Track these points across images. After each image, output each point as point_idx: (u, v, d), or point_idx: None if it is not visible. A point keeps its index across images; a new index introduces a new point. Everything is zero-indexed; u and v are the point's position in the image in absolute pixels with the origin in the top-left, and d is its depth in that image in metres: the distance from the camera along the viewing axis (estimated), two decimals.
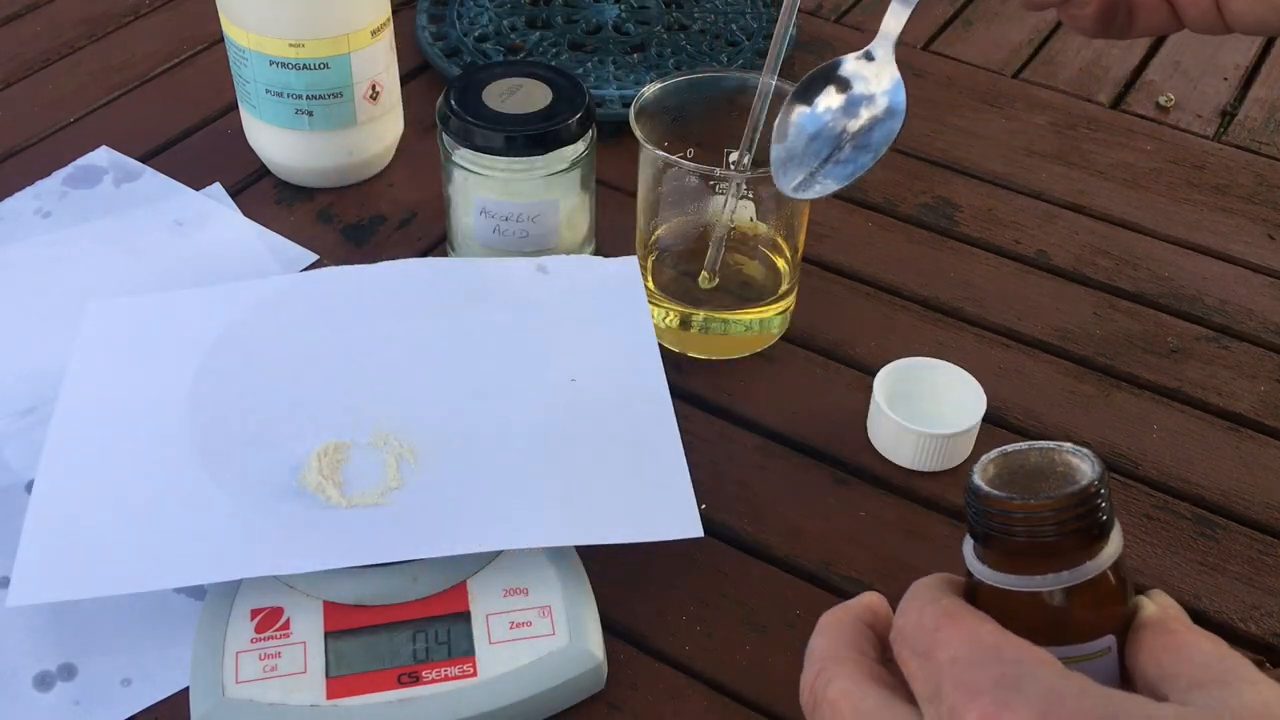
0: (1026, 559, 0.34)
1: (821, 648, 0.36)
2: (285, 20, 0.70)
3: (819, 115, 0.48)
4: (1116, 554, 0.34)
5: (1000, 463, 0.35)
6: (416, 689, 0.49)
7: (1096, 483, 0.33)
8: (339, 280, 0.64)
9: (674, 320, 0.67)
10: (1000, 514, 0.34)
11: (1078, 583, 0.34)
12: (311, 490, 0.53)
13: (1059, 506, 0.33)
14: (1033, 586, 0.34)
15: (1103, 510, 0.34)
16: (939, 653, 0.32)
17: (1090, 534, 0.34)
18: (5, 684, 0.51)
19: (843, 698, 0.34)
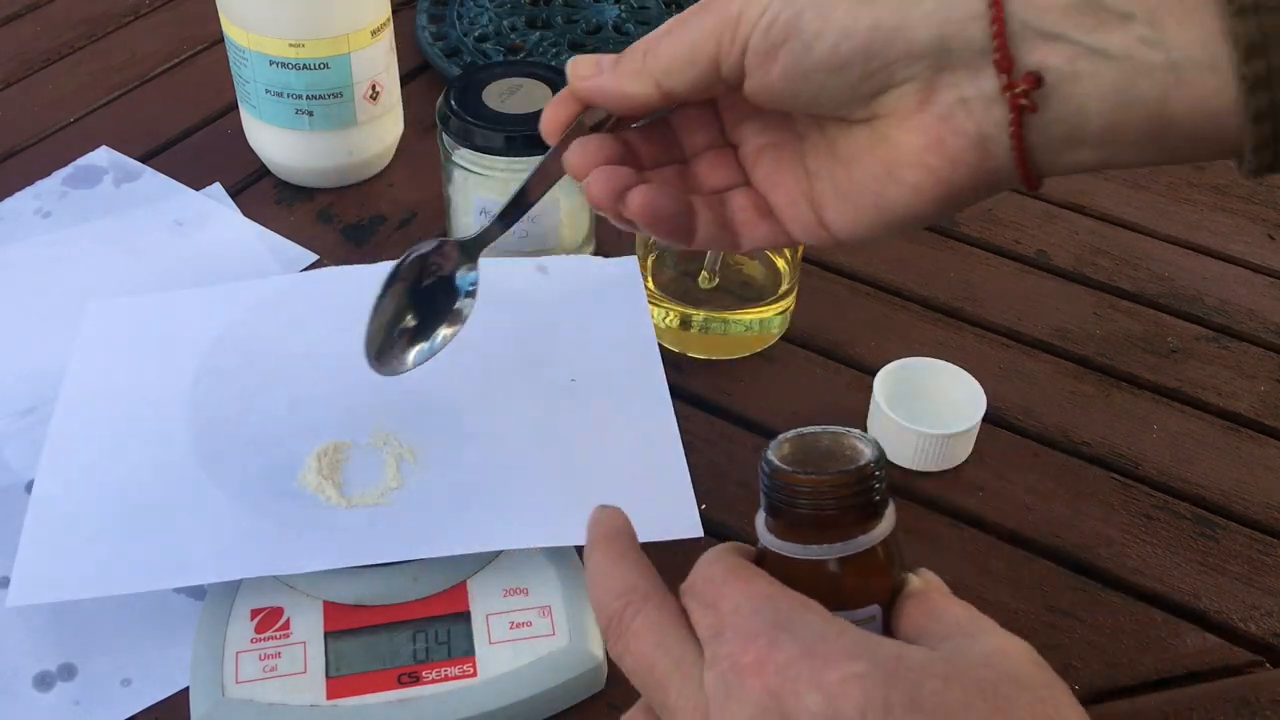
0: (807, 530, 0.38)
1: (624, 582, 0.39)
2: (285, 20, 0.70)
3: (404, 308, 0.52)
4: (887, 532, 0.38)
5: (795, 443, 0.39)
6: (416, 689, 0.49)
7: (872, 465, 0.37)
8: (339, 280, 0.64)
9: (674, 320, 0.67)
10: (787, 486, 0.38)
11: (849, 554, 0.37)
12: (311, 490, 0.53)
13: (837, 483, 0.37)
14: (810, 555, 0.38)
15: (876, 491, 0.38)
16: (723, 604, 0.36)
17: (863, 511, 0.38)
18: (5, 684, 0.51)
19: (647, 629, 0.37)
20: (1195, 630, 0.56)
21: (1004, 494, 0.62)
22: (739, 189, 0.47)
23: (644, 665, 0.37)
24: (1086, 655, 0.55)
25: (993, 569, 0.58)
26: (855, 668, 0.33)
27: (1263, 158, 0.36)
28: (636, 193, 0.44)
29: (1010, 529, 0.60)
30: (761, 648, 0.34)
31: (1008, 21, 0.37)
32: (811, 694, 0.33)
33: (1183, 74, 0.36)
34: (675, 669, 0.36)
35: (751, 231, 0.46)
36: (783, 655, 0.34)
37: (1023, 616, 0.56)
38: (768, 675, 0.34)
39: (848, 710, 0.32)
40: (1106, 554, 0.59)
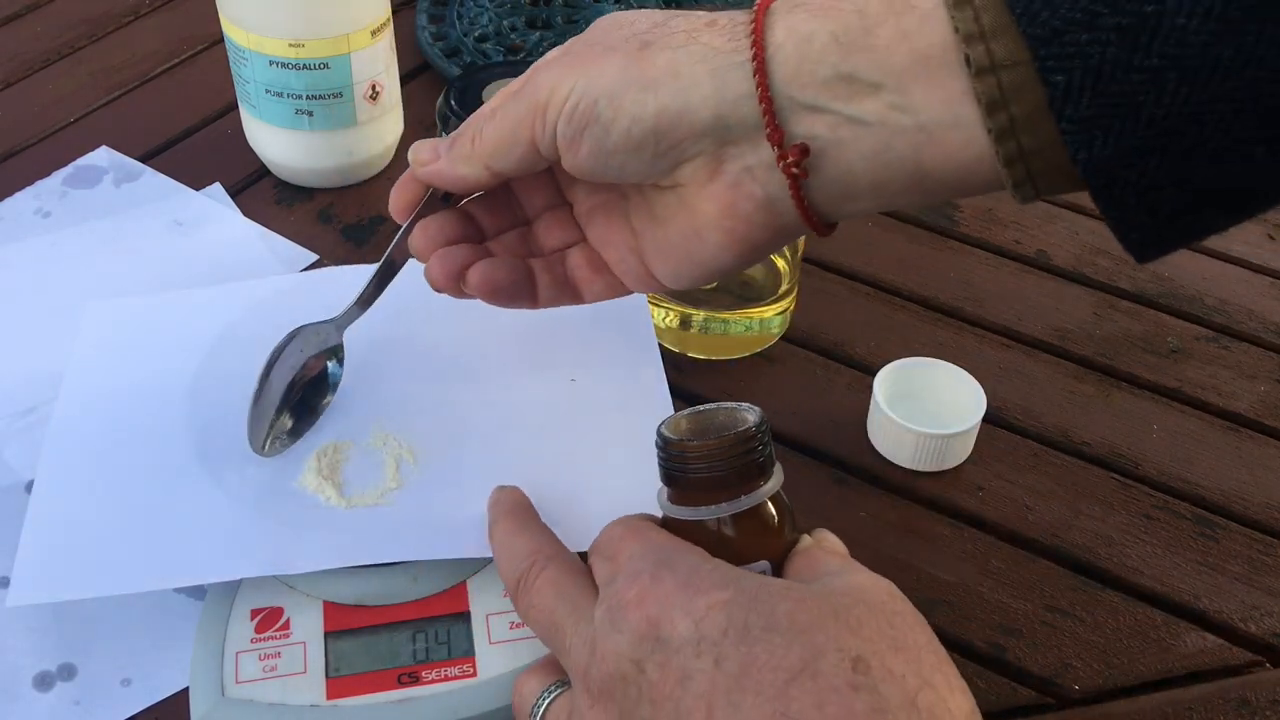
0: (697, 493, 0.42)
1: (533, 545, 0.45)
2: (285, 20, 0.70)
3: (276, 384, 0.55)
4: (771, 492, 0.42)
5: (690, 419, 0.44)
6: (416, 689, 0.49)
7: (754, 429, 0.42)
8: (338, 280, 0.64)
9: (674, 320, 0.67)
10: (678, 454, 0.42)
11: (736, 513, 0.42)
12: (311, 491, 0.53)
13: (720, 446, 0.41)
14: (699, 515, 0.42)
15: (759, 453, 0.42)
16: (619, 554, 0.41)
17: (748, 473, 0.42)
18: (5, 684, 0.51)
19: (548, 583, 0.43)
20: (1195, 630, 0.56)
21: (1004, 494, 0.62)
22: (575, 247, 0.51)
23: (545, 615, 0.42)
24: (1086, 655, 0.55)
25: (993, 569, 0.58)
26: (721, 595, 0.37)
27: (1025, 192, 0.40)
28: (474, 270, 0.49)
29: (1010, 529, 0.60)
30: (644, 584, 0.38)
31: (774, 99, 0.42)
32: (683, 620, 0.37)
33: (932, 133, 0.40)
34: (572, 613, 0.41)
35: (590, 286, 0.51)
36: (662, 589, 0.38)
37: (1023, 616, 0.56)
38: (647, 606, 0.38)
39: (712, 633, 0.36)
40: (1106, 554, 0.59)
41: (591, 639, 0.39)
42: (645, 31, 0.44)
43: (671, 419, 0.44)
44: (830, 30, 0.41)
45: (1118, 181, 0.38)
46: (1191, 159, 0.37)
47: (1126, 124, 0.36)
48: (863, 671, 0.35)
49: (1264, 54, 0.34)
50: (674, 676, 0.36)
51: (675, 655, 0.37)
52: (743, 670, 0.35)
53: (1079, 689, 0.54)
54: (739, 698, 0.35)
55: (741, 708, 0.35)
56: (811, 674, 0.35)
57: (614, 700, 0.38)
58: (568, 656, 0.41)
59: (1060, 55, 0.36)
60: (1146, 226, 0.39)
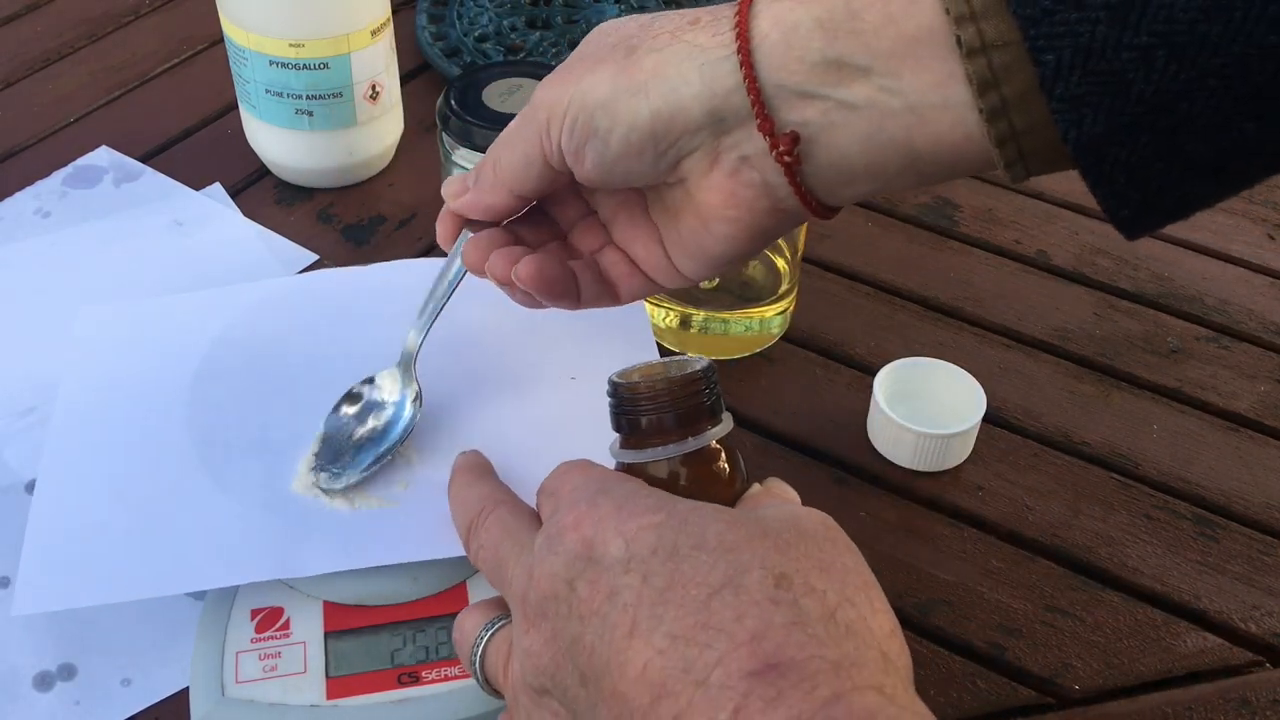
0: (648, 437, 0.43)
1: (484, 491, 0.47)
2: (285, 20, 0.70)
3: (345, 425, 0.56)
4: (721, 434, 0.43)
5: (642, 370, 0.44)
6: (416, 689, 0.49)
7: (700, 372, 0.43)
8: (336, 282, 0.64)
9: (674, 320, 0.67)
10: (628, 398, 0.43)
11: (684, 453, 0.42)
12: (302, 494, 0.53)
13: (668, 386, 0.42)
14: (650, 457, 0.42)
15: (705, 396, 0.43)
16: (562, 488, 0.42)
17: (696, 415, 0.42)
18: (5, 684, 0.51)
19: (496, 522, 0.44)
20: (1195, 630, 0.56)
21: (1004, 494, 0.62)
22: (608, 248, 0.52)
23: (491, 554, 0.44)
24: (1086, 655, 0.55)
25: (993, 569, 0.58)
26: (654, 518, 0.38)
27: (1016, 172, 0.40)
28: (524, 263, 0.50)
29: (1010, 529, 0.60)
30: (581, 509, 0.39)
31: (762, 88, 0.42)
32: (615, 540, 0.38)
33: (923, 115, 0.40)
34: (515, 547, 0.42)
35: (626, 284, 0.52)
36: (598, 513, 0.39)
37: (1023, 616, 0.56)
38: (584, 529, 0.39)
39: (641, 551, 0.37)
40: (1106, 554, 0.59)
41: (529, 565, 0.40)
42: (631, 36, 0.45)
43: (623, 370, 0.44)
44: (815, 16, 0.41)
45: (1108, 159, 0.38)
46: (1181, 136, 0.37)
47: (1116, 101, 0.37)
48: (785, 587, 0.36)
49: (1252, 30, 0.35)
50: (602, 592, 0.37)
51: (605, 573, 0.38)
52: (668, 585, 0.36)
53: (1079, 689, 0.54)
54: (662, 610, 0.36)
55: (664, 620, 0.36)
56: (734, 588, 0.36)
57: (547, 619, 0.39)
58: (509, 588, 0.42)
59: (1050, 35, 0.37)
60: (1136, 203, 0.39)
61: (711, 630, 0.35)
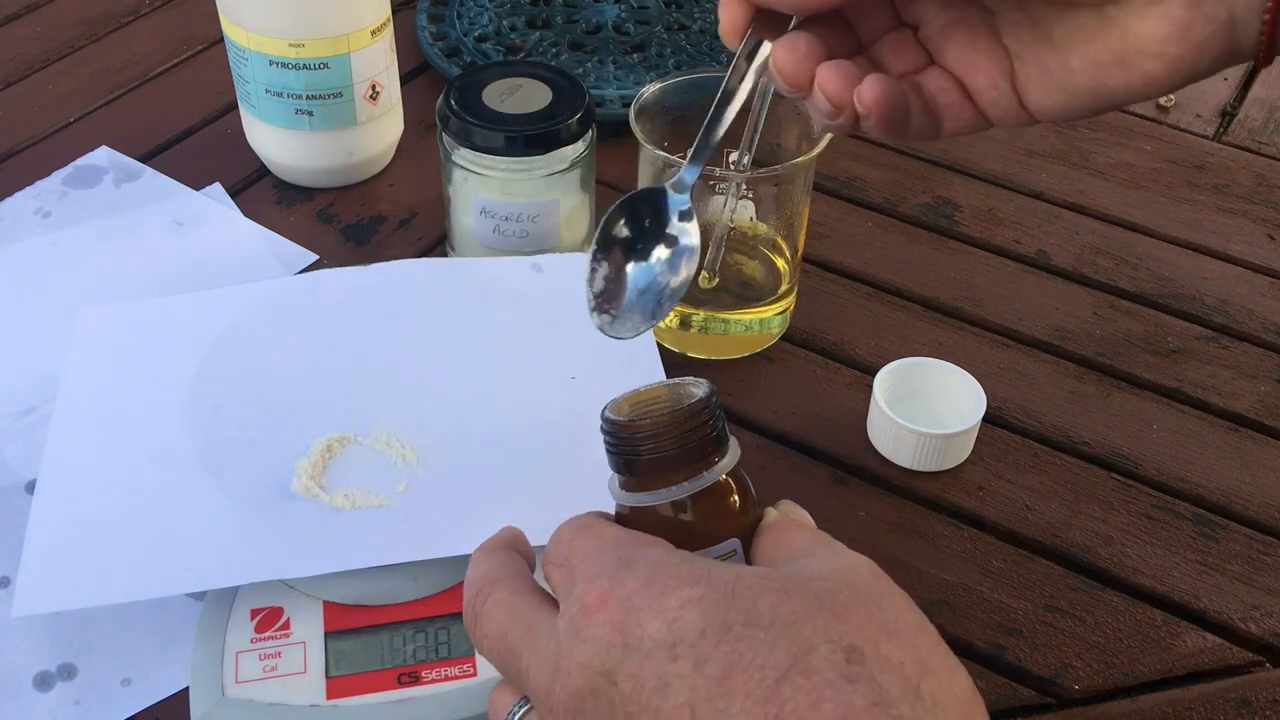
0: (652, 476, 0.39)
1: (480, 573, 0.40)
2: (285, 20, 0.70)
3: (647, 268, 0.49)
4: (729, 466, 0.39)
5: (633, 399, 0.40)
6: (416, 689, 0.49)
7: (703, 401, 0.38)
8: (335, 282, 0.64)
9: (674, 320, 0.67)
10: (626, 437, 0.39)
11: (695, 491, 0.38)
12: (302, 495, 0.53)
13: (670, 422, 0.38)
14: (657, 499, 0.38)
15: (710, 426, 0.39)
16: (573, 557, 0.37)
17: (702, 449, 0.38)
18: (5, 684, 0.51)
19: (497, 606, 0.38)
20: (1195, 630, 0.56)
21: (1004, 494, 0.62)
22: (932, 71, 0.44)
23: (498, 641, 0.38)
24: (1086, 655, 0.55)
25: (993, 569, 0.58)
26: (693, 592, 0.34)
27: None
28: (870, 84, 0.41)
29: (1010, 529, 0.60)
30: (605, 585, 0.35)
31: None
32: (653, 621, 0.34)
33: None
34: (526, 633, 0.37)
35: (956, 115, 0.43)
36: (624, 589, 0.34)
37: (1023, 616, 0.56)
38: (610, 609, 0.34)
39: (688, 633, 0.33)
40: (1106, 554, 0.59)
41: (553, 655, 0.35)
42: None
43: (613, 402, 0.40)
44: None
45: None
46: None
47: None
48: (857, 662, 0.32)
49: None
50: (650, 685, 0.33)
51: (648, 661, 0.33)
52: (727, 672, 0.32)
53: (1079, 689, 0.54)
54: (725, 703, 0.32)
55: (729, 713, 0.32)
56: (803, 670, 0.32)
57: (584, 716, 0.34)
58: (526, 679, 0.37)
59: None
60: None
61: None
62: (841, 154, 0.82)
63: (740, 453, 0.40)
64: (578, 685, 0.34)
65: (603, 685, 0.34)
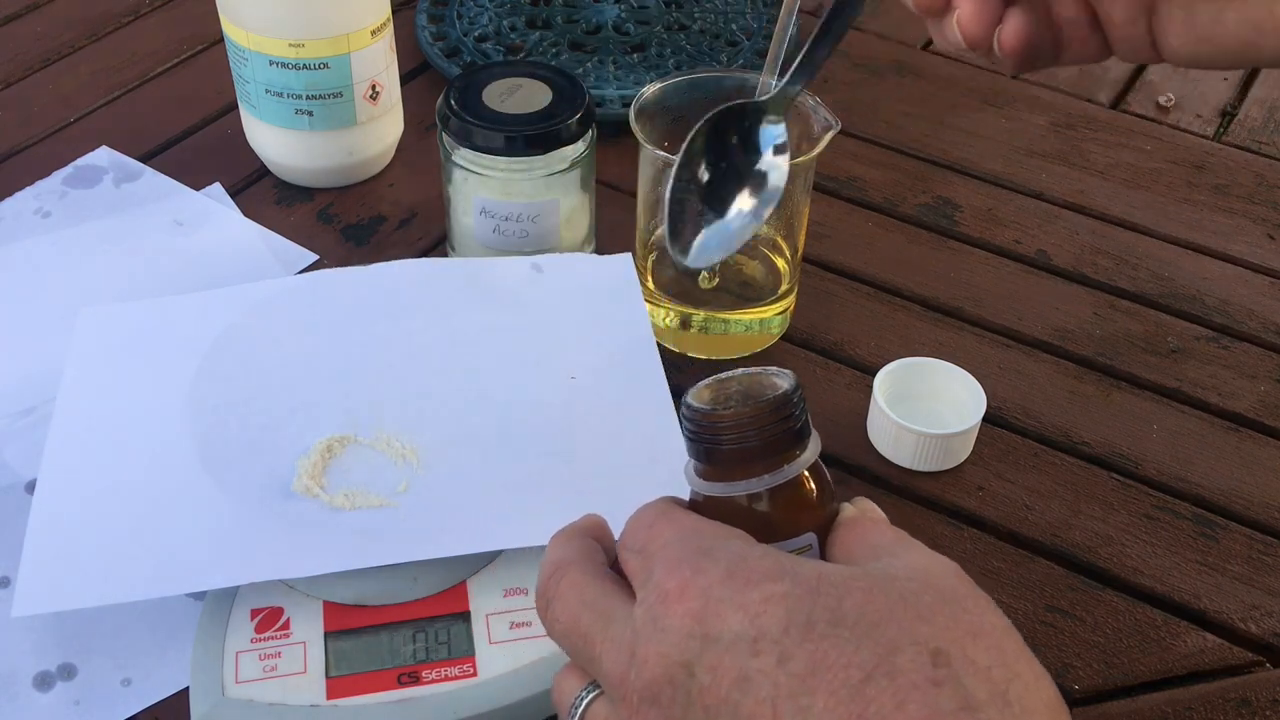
0: (732, 467, 0.38)
1: (553, 557, 0.40)
2: (285, 20, 0.70)
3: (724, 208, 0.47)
4: (810, 460, 0.39)
5: (714, 387, 0.40)
6: (416, 689, 0.49)
7: (789, 392, 0.38)
8: (335, 282, 0.64)
9: (674, 320, 0.67)
10: (708, 426, 0.38)
11: (775, 485, 0.38)
12: (302, 495, 0.53)
13: (755, 415, 0.37)
14: (736, 491, 0.38)
15: (795, 419, 0.38)
16: (652, 544, 0.37)
17: (785, 442, 0.38)
18: (5, 684, 0.51)
19: (570, 589, 0.38)
20: (1195, 630, 0.56)
21: (1004, 494, 0.62)
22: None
23: (570, 625, 0.38)
24: (1086, 655, 0.55)
25: (993, 569, 0.58)
26: (777, 587, 0.33)
27: None
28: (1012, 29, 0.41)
29: (1010, 529, 0.60)
30: (685, 575, 0.34)
31: None
32: (734, 614, 0.33)
33: None
34: (599, 619, 0.37)
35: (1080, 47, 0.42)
36: (705, 579, 0.34)
37: (1023, 616, 0.56)
38: (690, 600, 0.34)
39: (771, 629, 0.33)
40: (1106, 554, 0.59)
41: (628, 642, 0.35)
42: None
43: (695, 389, 0.40)
44: None
45: None
46: None
47: None
48: (943, 665, 0.32)
49: None
50: (729, 678, 0.33)
51: (728, 654, 0.33)
52: (811, 670, 0.32)
53: (1079, 689, 0.54)
54: (809, 700, 0.32)
55: (812, 711, 0.32)
56: (888, 671, 0.31)
57: (660, 707, 0.34)
58: (599, 666, 0.37)
59: None
60: None
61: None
62: (841, 154, 0.82)
63: (820, 446, 0.39)
64: (654, 674, 0.34)
65: (680, 676, 0.34)
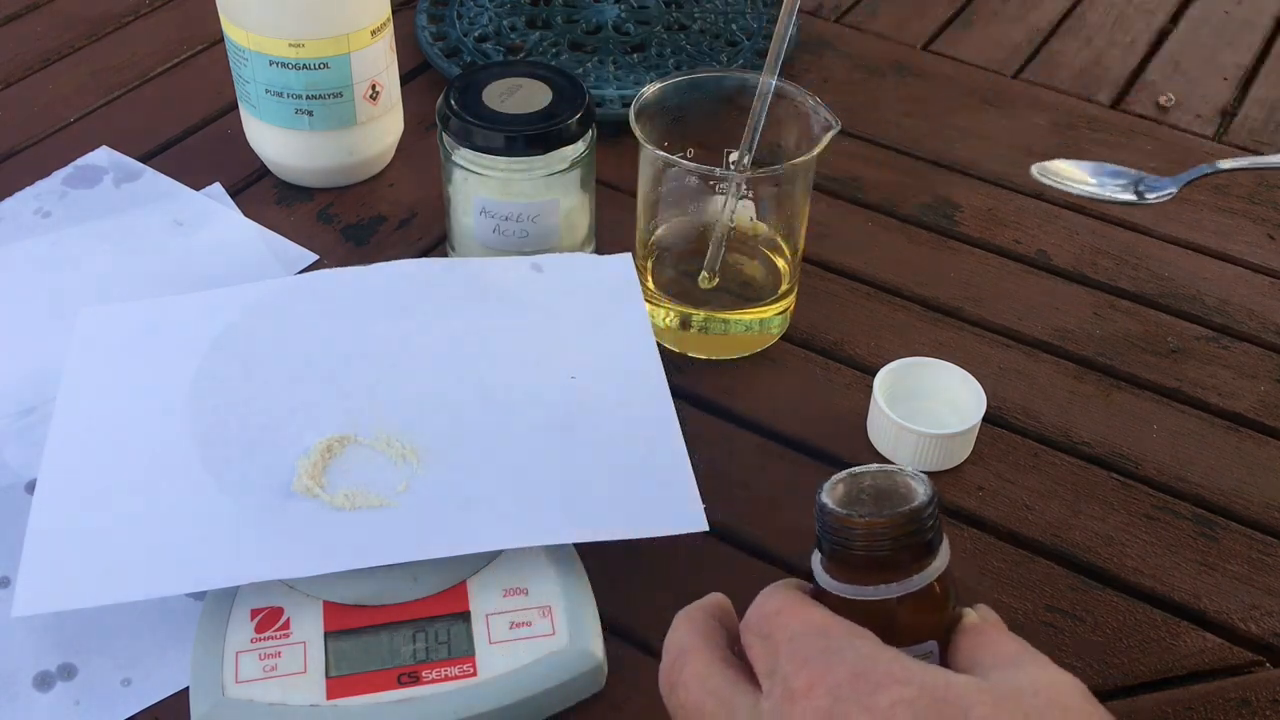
0: (863, 571, 0.39)
1: (677, 639, 0.40)
2: (285, 20, 0.70)
3: None
4: (941, 569, 0.39)
5: (848, 483, 0.40)
6: (416, 689, 0.49)
7: (925, 504, 0.38)
8: (334, 282, 0.64)
9: (674, 320, 0.67)
10: (842, 529, 0.38)
11: (905, 594, 0.38)
12: (302, 495, 0.53)
13: (890, 525, 0.38)
14: (865, 595, 0.39)
15: (929, 530, 0.38)
16: (778, 634, 0.37)
17: (917, 551, 0.38)
18: (5, 684, 0.52)
19: (694, 679, 0.39)
20: (1195, 630, 0.56)
21: (1004, 494, 0.62)
22: None
23: (694, 713, 0.38)
24: (1086, 655, 0.55)
25: (993, 569, 0.58)
26: (905, 692, 0.34)
27: None
28: None
29: (1010, 529, 0.60)
30: (813, 673, 0.35)
31: None
32: (861, 716, 0.34)
33: None
34: (723, 708, 0.37)
35: None
36: (833, 678, 0.35)
37: (1023, 616, 0.56)
38: (818, 698, 0.35)
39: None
40: (1106, 554, 0.59)
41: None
42: None
43: (830, 482, 0.40)
44: None
45: None
46: None
47: None
48: None
49: None
50: None
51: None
52: None
53: None
54: None
55: None
56: None
57: None
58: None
59: None
60: None
61: None
62: (841, 154, 0.82)
63: (950, 554, 0.40)
64: None
65: None
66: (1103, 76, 0.93)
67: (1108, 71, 0.93)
